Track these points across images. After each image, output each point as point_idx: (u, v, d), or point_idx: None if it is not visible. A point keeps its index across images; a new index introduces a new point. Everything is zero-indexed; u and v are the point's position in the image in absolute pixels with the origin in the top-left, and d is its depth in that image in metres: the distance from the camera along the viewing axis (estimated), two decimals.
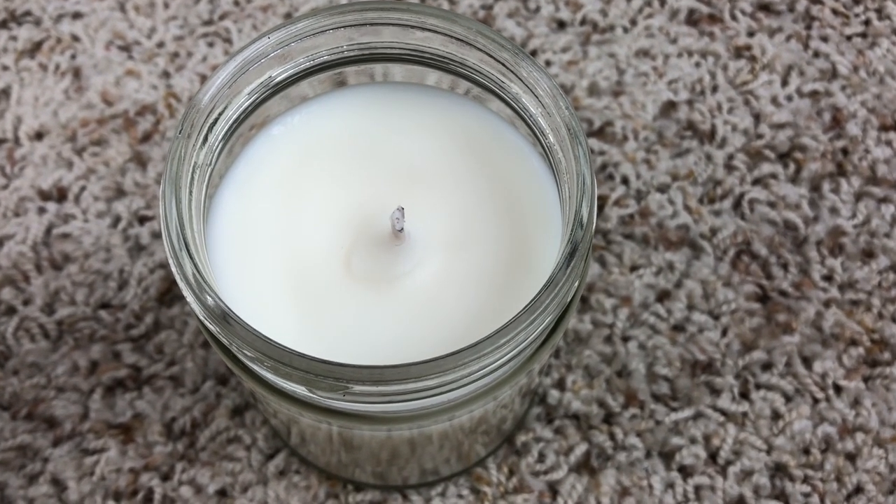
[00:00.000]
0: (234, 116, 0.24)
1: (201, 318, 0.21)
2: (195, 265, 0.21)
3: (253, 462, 0.32)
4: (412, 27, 0.24)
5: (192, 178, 0.23)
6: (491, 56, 0.24)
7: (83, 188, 0.36)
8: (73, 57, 0.38)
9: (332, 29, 0.24)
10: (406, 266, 0.25)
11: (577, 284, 0.22)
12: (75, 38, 0.39)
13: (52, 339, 0.33)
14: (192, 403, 0.32)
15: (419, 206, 0.26)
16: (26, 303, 0.34)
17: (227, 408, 0.32)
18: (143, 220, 0.35)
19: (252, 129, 0.26)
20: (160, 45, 0.39)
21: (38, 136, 0.37)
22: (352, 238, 0.25)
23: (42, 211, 0.35)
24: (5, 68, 0.38)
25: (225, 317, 0.21)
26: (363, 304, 0.25)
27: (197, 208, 0.24)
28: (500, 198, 0.26)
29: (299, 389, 0.21)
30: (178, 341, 0.33)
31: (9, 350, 0.33)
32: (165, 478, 0.32)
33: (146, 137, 0.37)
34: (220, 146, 0.24)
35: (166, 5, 0.39)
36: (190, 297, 0.21)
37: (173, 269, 0.21)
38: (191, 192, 0.23)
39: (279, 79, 0.25)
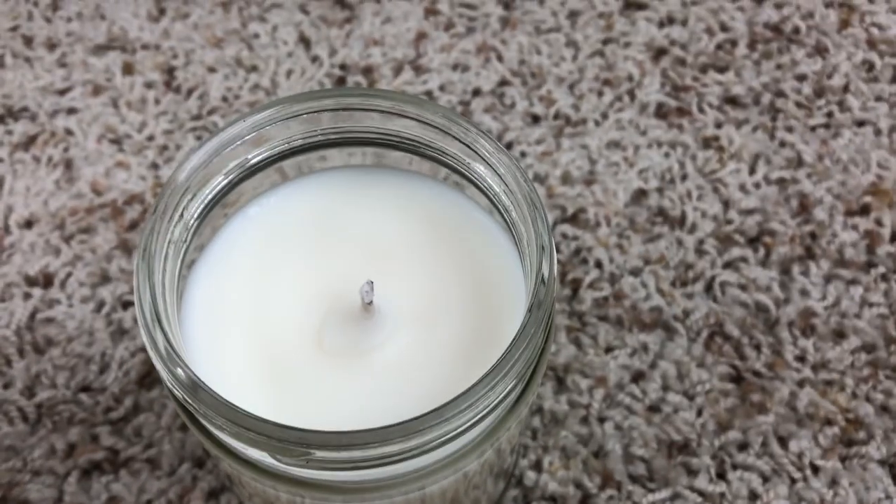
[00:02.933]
0: (211, 196, 0.25)
1: (170, 387, 0.22)
2: (166, 336, 0.22)
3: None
4: (388, 113, 0.25)
5: (167, 253, 0.24)
6: (459, 140, 0.25)
7: (69, 274, 0.37)
8: (66, 149, 0.40)
9: (307, 113, 0.25)
10: (376, 340, 0.26)
11: (541, 347, 0.22)
12: (69, 132, 0.40)
13: (30, 423, 0.34)
14: (167, 486, 0.32)
15: (389, 282, 0.26)
16: (6, 386, 0.34)
17: (202, 490, 0.32)
18: (126, 304, 0.36)
19: (231, 207, 0.27)
20: (150, 138, 0.40)
21: (28, 224, 0.38)
22: (323, 313, 0.26)
23: (27, 296, 0.36)
24: (0, 161, 0.39)
25: (194, 385, 0.21)
26: (335, 378, 0.25)
27: (171, 283, 0.24)
28: (467, 273, 0.27)
29: (265, 458, 0.21)
30: (156, 424, 0.33)
31: None
32: None
33: (133, 226, 0.38)
34: (195, 224, 0.25)
35: (157, 101, 0.41)
36: (160, 367, 0.21)
37: (145, 340, 0.22)
38: (164, 268, 0.24)
39: (254, 161, 0.26)
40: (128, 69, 0.42)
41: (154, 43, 0.43)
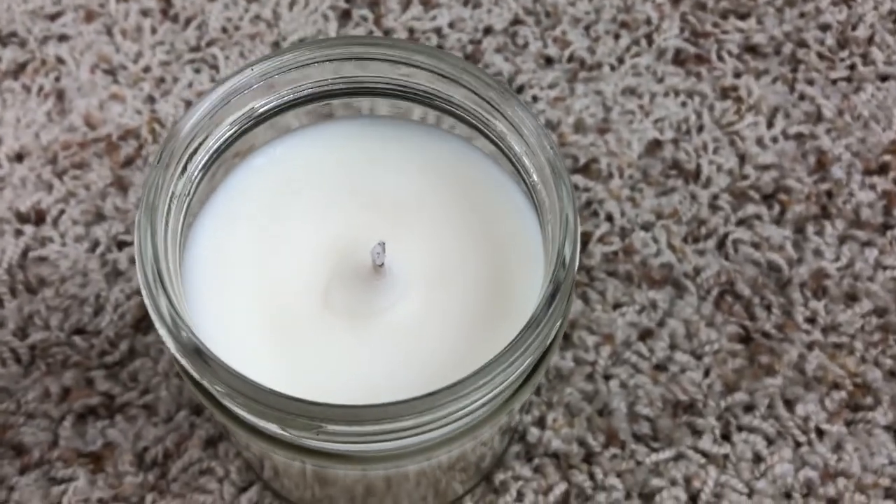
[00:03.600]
0: (216, 146, 0.24)
1: (175, 353, 0.21)
2: (169, 300, 0.21)
3: (225, 495, 0.31)
4: (398, 62, 0.24)
5: (170, 207, 0.23)
6: (477, 94, 0.24)
7: (62, 211, 0.35)
8: (58, 79, 0.38)
9: (317, 62, 0.24)
10: (386, 301, 0.25)
11: (558, 325, 0.22)
12: (60, 61, 0.38)
13: (23, 364, 0.33)
14: (164, 433, 0.32)
15: (400, 240, 0.25)
16: None
17: (200, 438, 0.32)
18: (121, 245, 0.35)
19: (235, 157, 0.26)
20: (146, 69, 0.38)
21: (19, 157, 0.36)
22: (331, 271, 0.25)
23: (19, 233, 0.35)
24: None
25: (199, 353, 0.20)
26: (341, 339, 0.24)
27: (173, 238, 0.23)
28: (482, 234, 0.26)
29: (273, 427, 0.21)
30: (152, 369, 0.33)
31: None
32: None
33: (128, 162, 0.36)
34: (199, 176, 0.24)
35: (154, 30, 0.39)
36: (163, 332, 0.20)
37: (147, 302, 0.21)
38: (167, 223, 0.22)
39: (262, 110, 0.24)
40: None
41: None
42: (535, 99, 0.39)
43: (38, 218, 0.35)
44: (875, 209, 0.37)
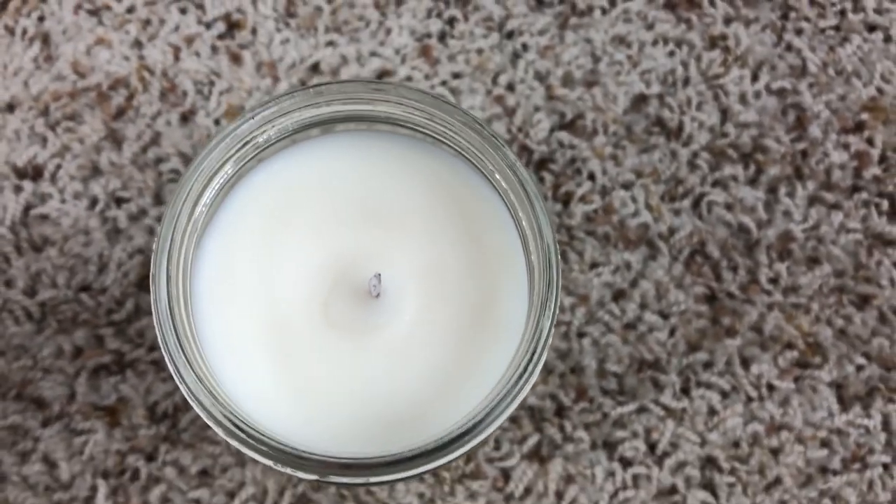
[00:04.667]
0: (220, 183, 0.25)
1: (207, 422, 0.23)
2: (197, 376, 0.23)
3: (231, 445, 0.34)
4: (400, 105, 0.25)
5: (182, 246, 0.24)
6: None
7: (59, 166, 0.36)
8: (41, 19, 0.37)
9: (316, 105, 0.24)
10: (382, 317, 0.27)
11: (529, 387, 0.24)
12: None
13: (35, 321, 0.35)
14: (172, 388, 0.35)
15: (397, 256, 0.27)
16: (8, 284, 0.35)
17: None
18: (119, 201, 0.36)
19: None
20: (130, 10, 0.38)
21: (10, 107, 0.36)
22: (330, 286, 0.27)
23: (18, 189, 0.36)
24: None
25: (236, 427, 0.22)
26: (340, 354, 0.27)
27: (184, 269, 0.25)
28: (472, 250, 0.27)
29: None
30: None
31: None
32: (150, 458, 0.34)
33: (120, 113, 0.37)
34: (205, 211, 0.25)
35: None
36: (195, 405, 0.23)
37: (178, 382, 0.23)
38: (180, 263, 0.24)
39: (262, 141, 0.25)
40: None
41: None
42: (524, 47, 0.39)
43: (36, 173, 0.36)
44: (846, 170, 0.38)
